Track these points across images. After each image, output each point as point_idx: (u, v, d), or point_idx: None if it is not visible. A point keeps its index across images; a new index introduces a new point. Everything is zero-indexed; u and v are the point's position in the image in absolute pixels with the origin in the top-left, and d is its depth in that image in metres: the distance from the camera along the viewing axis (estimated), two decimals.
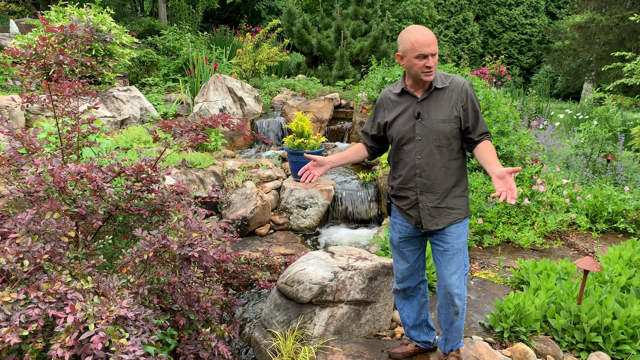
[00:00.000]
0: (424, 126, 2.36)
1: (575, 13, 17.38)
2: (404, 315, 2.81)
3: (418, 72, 2.29)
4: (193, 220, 2.36)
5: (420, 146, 2.38)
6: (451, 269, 2.47)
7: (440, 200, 2.42)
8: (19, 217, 2.24)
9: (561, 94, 22.65)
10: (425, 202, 2.43)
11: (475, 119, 2.37)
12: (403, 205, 2.52)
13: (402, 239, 2.60)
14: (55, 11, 7.15)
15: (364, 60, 11.83)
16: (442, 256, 2.48)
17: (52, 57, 2.81)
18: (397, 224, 2.62)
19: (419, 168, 2.39)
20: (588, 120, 8.15)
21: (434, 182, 2.40)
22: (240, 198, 5.32)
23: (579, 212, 5.05)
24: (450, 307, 2.53)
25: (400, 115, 2.43)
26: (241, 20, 19.67)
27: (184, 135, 2.58)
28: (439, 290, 2.57)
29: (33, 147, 2.71)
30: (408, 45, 2.24)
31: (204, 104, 7.75)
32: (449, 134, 2.35)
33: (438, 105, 2.36)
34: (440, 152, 2.37)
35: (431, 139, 2.36)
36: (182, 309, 2.52)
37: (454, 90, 2.36)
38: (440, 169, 2.38)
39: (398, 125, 2.43)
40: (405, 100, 2.43)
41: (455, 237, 2.46)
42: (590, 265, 3.02)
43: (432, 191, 2.41)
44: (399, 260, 2.67)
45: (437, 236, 2.49)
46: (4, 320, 1.86)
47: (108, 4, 13.99)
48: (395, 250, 2.67)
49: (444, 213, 2.43)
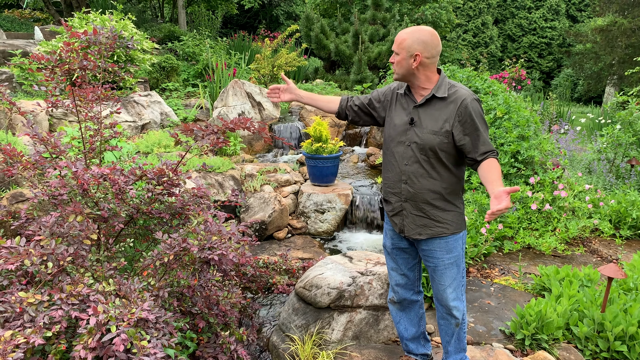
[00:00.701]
0: (415, 134, 2.28)
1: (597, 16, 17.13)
2: (401, 328, 2.75)
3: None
4: (213, 224, 2.38)
5: (409, 153, 2.31)
6: (445, 283, 2.42)
7: (425, 211, 2.34)
8: (43, 219, 2.28)
9: (582, 98, 22.30)
10: (409, 209, 2.37)
11: (475, 138, 2.21)
12: (389, 211, 2.49)
13: (395, 247, 2.56)
14: (79, 18, 7.29)
15: (382, 64, 11.81)
16: (434, 271, 2.44)
17: (76, 63, 2.86)
18: (388, 230, 2.58)
19: (405, 175, 2.34)
20: (611, 124, 8.01)
21: (419, 192, 2.32)
22: (258, 202, 5.34)
23: (602, 218, 4.96)
24: (451, 319, 2.50)
25: (398, 115, 2.38)
26: (259, 26, 19.82)
27: (205, 138, 2.61)
28: (436, 303, 2.54)
29: (57, 150, 2.76)
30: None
31: (223, 108, 7.81)
32: (436, 146, 2.24)
33: (433, 115, 2.26)
34: (428, 163, 2.28)
35: (419, 149, 2.28)
36: (202, 312, 2.53)
37: (452, 103, 2.22)
38: (427, 179, 2.30)
39: (392, 125, 2.39)
40: (405, 102, 2.37)
41: (445, 252, 2.38)
42: (614, 272, 2.95)
43: (416, 200, 2.34)
44: (392, 267, 2.62)
45: (425, 252, 2.44)
46: (28, 321, 1.89)
47: (129, 10, 14.23)
48: (389, 257, 2.62)
49: (429, 224, 2.35)
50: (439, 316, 2.57)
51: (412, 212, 2.37)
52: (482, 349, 2.93)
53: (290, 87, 2.53)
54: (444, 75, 2.30)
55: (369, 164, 7.24)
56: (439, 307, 2.54)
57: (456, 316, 2.47)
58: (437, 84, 2.27)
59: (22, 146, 4.68)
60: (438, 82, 2.27)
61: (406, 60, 2.23)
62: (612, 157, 6.32)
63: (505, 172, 5.19)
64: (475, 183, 5.01)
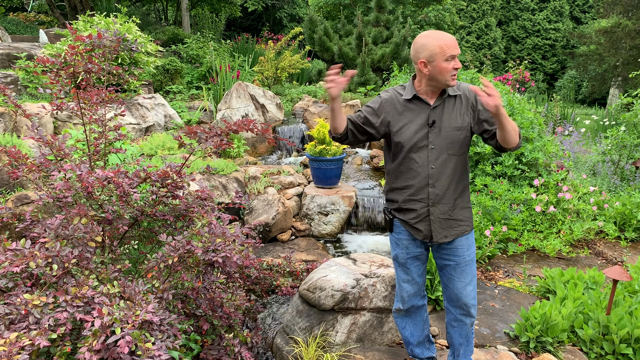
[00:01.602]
0: (438, 134, 2.28)
1: (601, 17, 17.09)
2: (406, 334, 2.72)
3: (446, 77, 2.18)
4: (217, 226, 2.38)
5: (434, 155, 2.29)
6: (465, 280, 2.43)
7: (450, 212, 2.35)
8: (48, 222, 2.29)
9: (587, 99, 22.24)
10: (436, 214, 2.34)
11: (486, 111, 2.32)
12: (411, 219, 2.40)
13: (410, 257, 2.49)
14: (83, 21, 7.32)
15: (385, 66, 11.82)
16: (455, 270, 2.43)
17: (81, 66, 2.88)
18: (402, 240, 2.48)
19: (432, 178, 2.31)
20: (615, 126, 7.99)
21: (446, 193, 2.32)
22: (262, 204, 5.34)
23: (607, 220, 4.94)
24: (467, 319, 2.50)
25: (411, 121, 2.31)
26: (263, 28, 19.86)
27: (209, 140, 2.61)
28: (451, 304, 2.52)
29: (62, 153, 2.77)
30: (436, 49, 2.14)
31: (227, 111, 7.83)
32: (462, 141, 2.30)
33: (451, 113, 2.30)
34: (453, 161, 2.31)
35: (445, 148, 2.29)
36: (206, 314, 2.53)
37: (461, 96, 2.32)
38: (452, 178, 2.32)
39: (409, 133, 2.31)
40: (416, 107, 2.32)
41: (465, 249, 2.41)
42: (619, 274, 2.94)
43: (443, 202, 2.33)
44: (405, 280, 2.55)
45: (447, 251, 2.42)
46: (33, 323, 1.90)
47: (134, 13, 14.28)
48: (401, 269, 2.55)
49: (453, 225, 2.37)
50: (452, 318, 2.55)
51: (439, 216, 2.35)
52: (487, 351, 2.93)
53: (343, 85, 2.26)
54: None
55: (373, 166, 7.24)
56: (452, 309, 2.52)
57: (473, 315, 2.48)
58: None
59: (27, 149, 4.70)
60: None
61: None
62: (617, 159, 6.30)
63: (510, 174, 5.17)
64: (480, 185, 5.00)
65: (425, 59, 2.19)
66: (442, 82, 2.22)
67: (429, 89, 2.29)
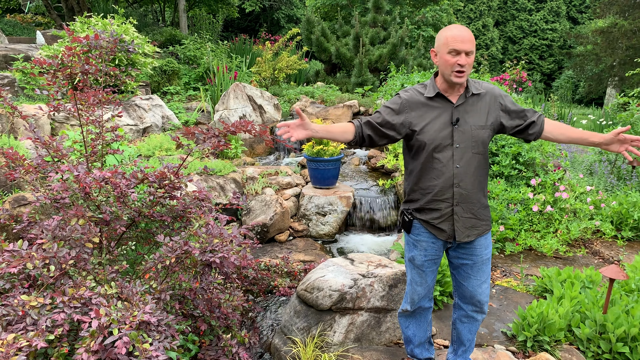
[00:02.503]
0: (462, 133, 2.24)
1: (598, 18, 17.15)
2: (409, 333, 2.70)
3: (449, 71, 2.15)
4: (214, 227, 2.38)
5: (459, 154, 2.25)
6: (482, 278, 2.43)
7: (474, 211, 2.34)
8: (45, 223, 2.29)
9: (584, 99, 22.30)
10: (460, 213, 2.31)
11: (519, 110, 2.35)
12: (433, 219, 2.34)
13: (427, 260, 2.43)
14: (80, 22, 7.32)
15: (383, 67, 11.83)
16: (472, 269, 2.42)
17: (78, 67, 2.88)
18: (422, 242, 2.41)
19: (457, 177, 2.26)
20: (612, 125, 8.01)
21: (470, 192, 2.30)
22: (260, 205, 5.35)
23: (604, 220, 4.95)
24: (479, 315, 2.51)
25: (434, 120, 2.25)
26: (261, 29, 19.86)
27: (206, 141, 2.61)
28: (464, 301, 2.52)
29: (59, 154, 2.77)
30: (442, 40, 2.13)
31: (225, 112, 7.83)
32: (486, 140, 2.28)
33: (475, 111, 2.27)
34: (477, 160, 2.28)
35: (470, 146, 2.25)
36: (203, 315, 2.53)
37: (487, 96, 2.30)
38: (475, 177, 2.30)
39: (433, 132, 2.24)
40: (438, 105, 2.26)
41: (483, 248, 2.40)
42: (616, 273, 2.95)
43: (467, 201, 2.31)
44: (419, 282, 2.50)
45: (466, 250, 2.40)
46: (31, 324, 1.90)
47: (131, 14, 14.26)
48: (416, 271, 2.48)
49: (476, 225, 2.35)
50: (462, 315, 2.55)
51: (463, 215, 2.32)
52: (484, 350, 2.93)
53: (305, 123, 2.17)
54: None
55: (371, 167, 7.24)
56: (464, 305, 2.52)
57: (485, 311, 2.50)
58: (467, 82, 2.28)
59: (24, 150, 4.69)
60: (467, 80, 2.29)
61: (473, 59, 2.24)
62: (614, 158, 6.32)
63: (507, 174, 5.19)
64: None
65: (435, 49, 2.20)
66: (447, 76, 2.17)
67: (447, 86, 2.25)
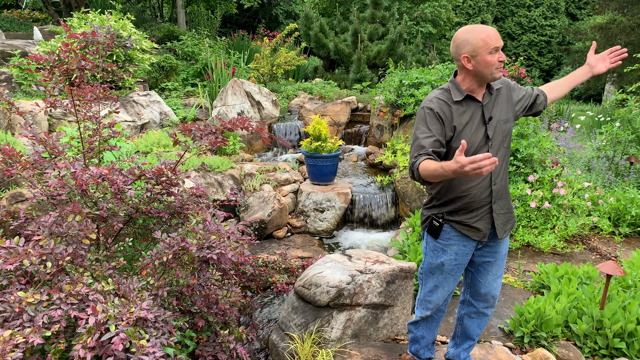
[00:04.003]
0: (494, 130, 2.23)
1: (596, 14, 17.12)
2: (418, 334, 2.67)
3: (492, 70, 2.10)
4: (212, 223, 2.38)
5: (494, 151, 2.24)
6: (498, 273, 2.44)
7: (508, 206, 2.33)
8: (42, 219, 2.28)
9: (582, 95, 22.30)
10: (498, 210, 2.28)
11: (523, 89, 2.38)
12: (469, 219, 2.27)
13: (458, 264, 2.36)
14: (78, 18, 7.29)
15: (381, 63, 11.81)
16: (492, 266, 2.41)
17: (75, 63, 2.87)
18: (452, 246, 2.33)
19: (494, 175, 2.24)
20: (610, 122, 8.02)
21: (503, 187, 2.30)
22: (258, 201, 5.34)
23: (601, 216, 4.96)
24: (489, 311, 2.53)
25: (469, 123, 2.19)
26: (259, 25, 19.81)
27: (203, 138, 2.61)
28: (476, 297, 2.50)
29: (56, 150, 2.76)
30: (479, 42, 2.06)
31: (223, 108, 7.81)
32: (511, 132, 2.30)
33: (499, 106, 2.26)
34: (506, 154, 2.29)
35: (501, 142, 2.25)
36: (201, 311, 2.54)
37: (503, 89, 2.31)
38: (505, 171, 2.31)
39: (470, 134, 2.18)
40: (468, 106, 2.20)
41: (506, 244, 2.42)
42: (613, 269, 2.96)
43: (503, 197, 2.30)
44: (444, 287, 2.43)
45: (491, 248, 2.38)
46: (27, 321, 1.90)
47: (129, 10, 14.22)
48: (443, 276, 2.40)
49: (510, 219, 2.36)
50: (472, 311, 2.54)
51: (500, 211, 2.30)
52: (482, 346, 2.94)
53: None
54: None
55: (369, 163, 7.24)
56: (475, 302, 2.52)
57: (495, 306, 2.52)
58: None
59: (21, 146, 4.68)
60: None
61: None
62: (612, 154, 6.32)
63: None
64: None
65: (469, 54, 2.10)
66: (489, 75, 2.12)
67: (475, 86, 2.19)
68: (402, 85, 7.10)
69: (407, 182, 5.58)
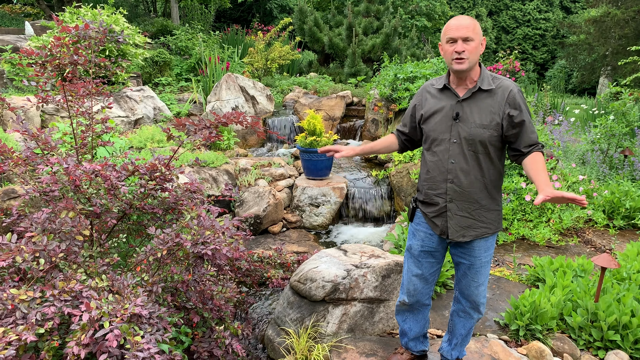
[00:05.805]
0: (462, 128, 2.16)
1: (590, 7, 17.12)
2: (405, 327, 2.67)
3: (449, 60, 2.11)
4: (206, 219, 2.37)
5: (455, 150, 2.19)
6: (478, 281, 2.38)
7: (471, 211, 2.24)
8: (34, 216, 2.26)
9: (576, 89, 22.36)
10: (454, 210, 2.25)
11: (523, 129, 2.14)
12: (429, 212, 2.33)
13: (424, 251, 2.42)
14: (70, 12, 7.23)
15: (376, 57, 11.79)
16: (469, 269, 2.37)
17: (67, 58, 2.84)
18: (420, 231, 2.41)
19: (451, 173, 2.21)
20: (604, 115, 8.03)
21: (466, 191, 2.21)
22: (253, 196, 5.33)
23: (596, 209, 4.98)
24: (474, 314, 2.49)
25: (438, 112, 2.23)
26: (253, 19, 19.71)
27: (197, 133, 2.59)
28: (462, 298, 2.49)
29: (48, 146, 2.73)
30: (443, 32, 2.13)
31: (217, 103, 7.78)
32: (486, 140, 2.14)
33: (480, 108, 2.15)
34: (476, 159, 2.18)
35: (467, 144, 2.16)
36: (196, 307, 2.53)
37: (498, 94, 2.15)
38: (474, 177, 2.20)
39: (434, 123, 2.24)
40: (445, 97, 2.23)
41: (483, 250, 2.33)
42: (607, 262, 2.97)
43: (463, 200, 2.23)
44: (416, 274, 2.46)
45: (463, 249, 2.35)
46: (20, 318, 1.88)
47: (121, 4, 14.10)
48: (413, 260, 2.47)
49: (473, 225, 2.26)
50: (460, 309, 2.52)
51: (457, 212, 2.25)
52: (477, 339, 2.95)
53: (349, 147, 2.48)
54: (483, 66, 2.21)
55: (364, 157, 7.23)
56: (463, 301, 2.48)
57: (481, 312, 2.47)
58: (481, 75, 2.17)
59: (13, 142, 4.64)
60: (481, 74, 2.18)
61: (478, 47, 2.10)
62: (606, 147, 6.34)
63: None
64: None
65: (440, 42, 2.19)
66: (449, 65, 2.14)
67: (453, 77, 2.21)
68: (397, 79, 7.09)
69: (403, 176, 5.58)
